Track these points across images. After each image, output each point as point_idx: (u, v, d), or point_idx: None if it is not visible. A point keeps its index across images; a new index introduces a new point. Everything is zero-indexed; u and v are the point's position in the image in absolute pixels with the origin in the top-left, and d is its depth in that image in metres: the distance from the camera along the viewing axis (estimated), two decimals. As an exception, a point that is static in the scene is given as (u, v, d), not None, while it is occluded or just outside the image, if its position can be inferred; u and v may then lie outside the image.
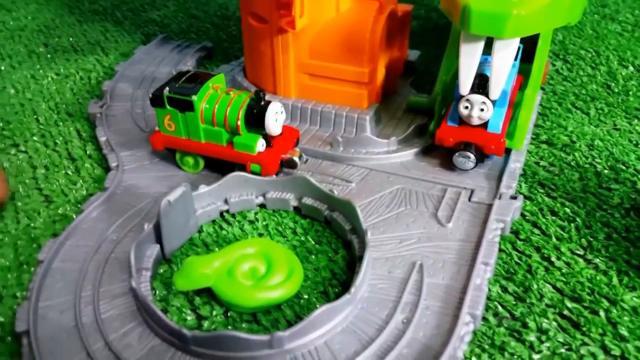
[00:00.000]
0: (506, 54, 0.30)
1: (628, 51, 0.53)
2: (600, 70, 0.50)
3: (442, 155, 0.36)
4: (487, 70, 0.33)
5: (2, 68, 0.51)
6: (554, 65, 0.50)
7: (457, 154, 0.34)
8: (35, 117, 0.42)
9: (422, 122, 0.40)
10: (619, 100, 0.45)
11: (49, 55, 0.53)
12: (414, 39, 0.49)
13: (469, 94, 0.32)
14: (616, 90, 0.47)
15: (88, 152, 0.38)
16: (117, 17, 0.61)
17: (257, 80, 0.43)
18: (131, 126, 0.40)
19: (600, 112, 0.44)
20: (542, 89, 0.47)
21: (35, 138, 0.40)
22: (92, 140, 0.40)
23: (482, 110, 0.33)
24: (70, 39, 0.56)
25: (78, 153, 0.38)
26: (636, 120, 0.43)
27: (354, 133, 0.39)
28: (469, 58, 0.31)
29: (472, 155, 0.33)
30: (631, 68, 0.50)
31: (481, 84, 0.33)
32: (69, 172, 0.37)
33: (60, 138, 0.40)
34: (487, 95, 0.32)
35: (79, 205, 0.34)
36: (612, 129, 0.41)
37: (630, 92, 0.46)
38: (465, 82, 0.32)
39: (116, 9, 0.63)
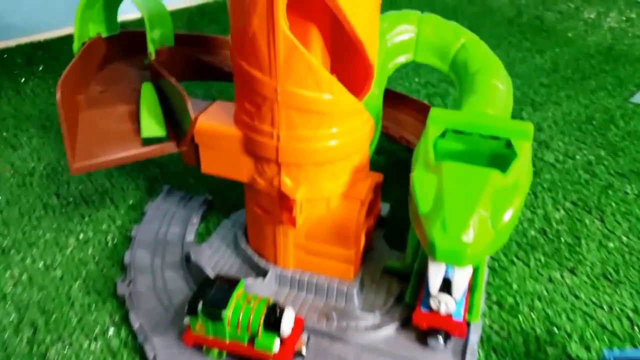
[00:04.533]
0: (464, 272, 0.40)
1: (560, 190, 0.64)
2: (537, 213, 0.60)
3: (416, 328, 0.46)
4: (450, 273, 0.42)
5: (25, 230, 0.57)
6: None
7: (429, 337, 0.43)
8: (70, 302, 0.49)
9: (398, 290, 0.49)
10: (553, 248, 0.56)
11: (63, 210, 0.60)
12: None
13: (437, 293, 0.42)
14: (550, 236, 0.57)
15: (123, 339, 0.45)
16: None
17: (259, 249, 0.51)
18: (156, 304, 0.47)
19: (539, 263, 0.54)
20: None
21: (77, 332, 0.46)
22: (125, 323, 0.47)
23: (447, 305, 0.42)
24: (79, 187, 0.63)
25: (116, 344, 0.45)
26: (566, 272, 0.53)
27: (344, 302, 0.48)
28: (435, 272, 0.40)
29: (441, 340, 0.43)
30: (562, 211, 0.61)
31: (446, 284, 0.42)
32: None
33: (98, 327, 0.47)
34: (451, 294, 0.42)
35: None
36: (547, 283, 0.52)
37: (562, 239, 0.57)
38: (434, 286, 0.41)
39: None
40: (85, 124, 0.45)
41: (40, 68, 0.86)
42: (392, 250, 0.54)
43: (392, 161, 0.69)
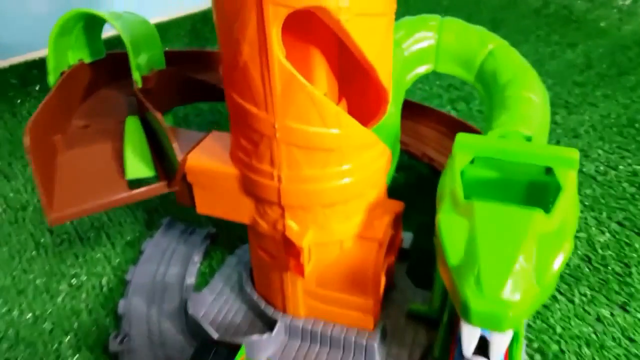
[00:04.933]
0: (503, 337, 0.34)
1: (603, 208, 0.57)
2: (579, 237, 0.54)
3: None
4: (486, 332, 0.36)
5: (15, 275, 0.52)
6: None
7: (462, 402, 0.37)
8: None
9: (425, 339, 0.43)
10: (599, 280, 0.49)
11: (56, 249, 0.55)
12: (399, 196, 0.51)
13: (472, 355, 0.36)
14: (595, 264, 0.51)
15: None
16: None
17: (265, 294, 0.46)
18: (152, 362, 0.42)
19: (584, 299, 0.47)
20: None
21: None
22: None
23: (483, 368, 0.36)
24: (74, 222, 0.58)
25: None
26: (617, 308, 0.46)
27: (364, 357, 0.42)
28: (469, 335, 0.34)
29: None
30: (607, 234, 0.54)
31: (482, 345, 0.36)
32: None
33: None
34: (487, 358, 0.35)
35: None
36: (595, 323, 0.45)
37: (609, 267, 0.50)
38: (467, 350, 0.35)
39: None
40: (64, 167, 0.40)
41: (37, 88, 0.82)
42: (417, 288, 0.48)
43: (413, 179, 0.63)
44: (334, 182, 0.37)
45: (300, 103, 0.33)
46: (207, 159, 0.40)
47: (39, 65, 0.84)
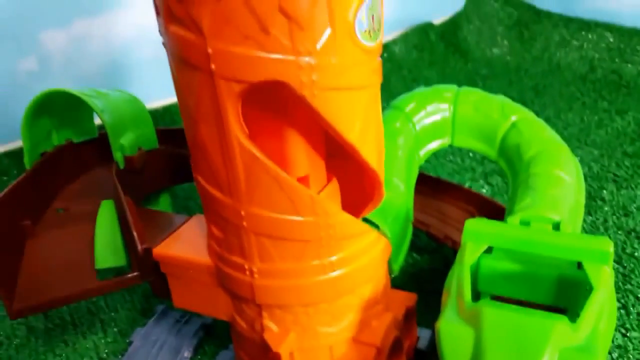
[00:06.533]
0: None
1: (662, 303, 0.48)
2: (630, 346, 0.45)
3: None
4: None
5: (-2, 364, 0.49)
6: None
7: None
8: None
9: None
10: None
11: (47, 335, 0.52)
12: (421, 284, 0.44)
13: None
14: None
15: None
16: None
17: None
18: None
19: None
20: None
21: None
22: None
23: None
24: (71, 306, 0.55)
25: None
26: None
27: None
28: None
29: None
30: (669, 335, 0.45)
31: None
32: None
33: None
34: None
35: None
36: None
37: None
38: None
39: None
40: (31, 255, 0.37)
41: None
42: (433, 398, 0.40)
43: (438, 264, 0.56)
44: (314, 278, 0.31)
45: (266, 188, 0.28)
46: (179, 247, 0.36)
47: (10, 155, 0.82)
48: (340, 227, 0.31)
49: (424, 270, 0.56)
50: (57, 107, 0.42)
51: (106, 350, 0.49)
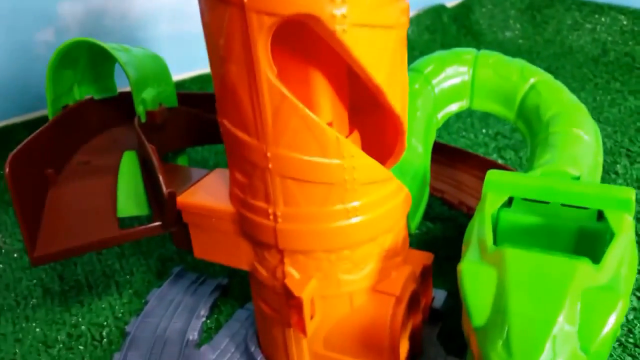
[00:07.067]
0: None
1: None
2: (648, 302, 0.45)
3: None
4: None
5: (17, 322, 0.50)
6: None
7: None
8: None
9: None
10: (676, 355, 0.40)
11: (62, 297, 0.52)
12: (436, 250, 0.44)
13: None
14: (671, 336, 0.42)
15: None
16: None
17: (270, 354, 0.40)
18: None
19: (656, 378, 0.39)
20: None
21: None
22: None
23: None
24: (86, 269, 0.55)
25: None
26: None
27: None
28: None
29: None
30: (684, 299, 0.45)
31: None
32: None
33: None
34: None
35: None
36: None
37: (688, 340, 0.41)
38: None
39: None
40: (54, 203, 0.37)
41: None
42: (449, 356, 0.41)
43: (452, 231, 0.57)
44: (337, 223, 0.32)
45: (294, 128, 0.29)
46: (202, 196, 0.36)
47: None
48: (364, 171, 0.31)
49: (437, 238, 0.56)
50: (80, 61, 0.42)
51: (122, 310, 0.50)
